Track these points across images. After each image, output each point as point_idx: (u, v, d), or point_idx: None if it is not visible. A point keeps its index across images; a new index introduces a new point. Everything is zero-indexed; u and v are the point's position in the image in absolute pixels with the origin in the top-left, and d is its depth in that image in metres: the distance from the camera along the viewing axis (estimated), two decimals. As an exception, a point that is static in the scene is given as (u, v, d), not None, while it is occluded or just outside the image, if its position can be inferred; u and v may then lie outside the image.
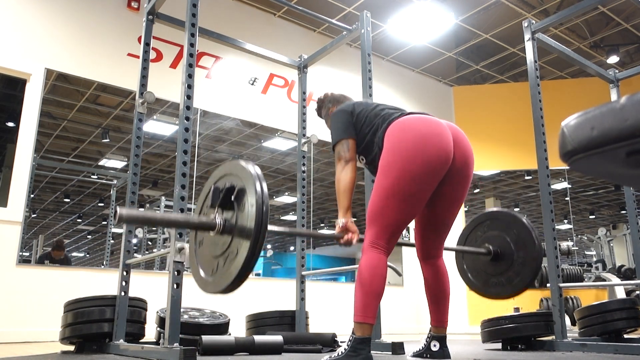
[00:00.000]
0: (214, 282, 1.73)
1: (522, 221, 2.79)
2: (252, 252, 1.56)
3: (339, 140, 2.17)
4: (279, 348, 2.66)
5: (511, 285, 2.78)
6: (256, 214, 1.56)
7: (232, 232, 1.65)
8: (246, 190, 1.63)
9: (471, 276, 2.98)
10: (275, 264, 11.76)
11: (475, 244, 2.94)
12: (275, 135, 6.52)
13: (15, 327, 3.87)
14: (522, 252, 2.74)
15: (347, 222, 2.08)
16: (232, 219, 1.66)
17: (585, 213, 12.01)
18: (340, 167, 2.13)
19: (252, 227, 1.56)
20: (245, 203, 1.61)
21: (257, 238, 1.56)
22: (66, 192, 7.22)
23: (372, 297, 1.91)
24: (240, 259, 1.58)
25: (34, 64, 4.44)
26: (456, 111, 7.85)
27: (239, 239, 1.61)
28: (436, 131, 2.00)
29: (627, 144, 0.47)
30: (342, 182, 2.09)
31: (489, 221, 2.92)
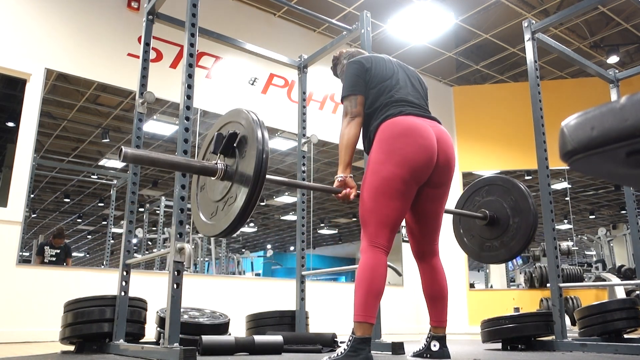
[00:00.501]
0: (213, 225, 1.77)
1: (520, 188, 2.81)
2: (250, 197, 1.61)
3: (348, 94, 2.18)
4: (279, 348, 2.66)
5: (506, 249, 2.80)
6: (256, 160, 1.60)
7: (232, 177, 1.69)
8: (247, 137, 1.65)
9: (467, 240, 3.00)
10: (275, 264, 11.76)
11: (472, 208, 2.96)
12: (275, 135, 6.52)
13: (15, 327, 3.87)
14: (518, 218, 2.76)
15: (346, 177, 2.13)
16: (233, 165, 1.69)
17: (585, 213, 12.00)
18: (346, 122, 2.15)
19: (252, 173, 1.59)
20: (247, 150, 1.64)
21: (256, 184, 1.60)
22: (66, 192, 7.22)
23: (372, 297, 1.91)
24: (239, 204, 1.62)
25: (34, 64, 4.44)
26: (456, 111, 7.85)
27: (239, 185, 1.66)
28: (421, 132, 2.05)
29: (627, 144, 0.47)
30: (345, 137, 2.12)
31: (488, 187, 2.94)
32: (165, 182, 7.32)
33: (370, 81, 2.20)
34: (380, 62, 2.28)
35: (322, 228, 9.61)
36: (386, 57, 2.35)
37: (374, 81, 2.20)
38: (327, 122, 6.34)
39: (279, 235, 11.46)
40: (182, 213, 2.32)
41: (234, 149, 1.71)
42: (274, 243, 11.73)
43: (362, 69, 2.22)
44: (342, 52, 2.56)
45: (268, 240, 11.40)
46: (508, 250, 2.81)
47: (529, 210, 2.75)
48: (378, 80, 2.21)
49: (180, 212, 2.31)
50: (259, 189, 1.62)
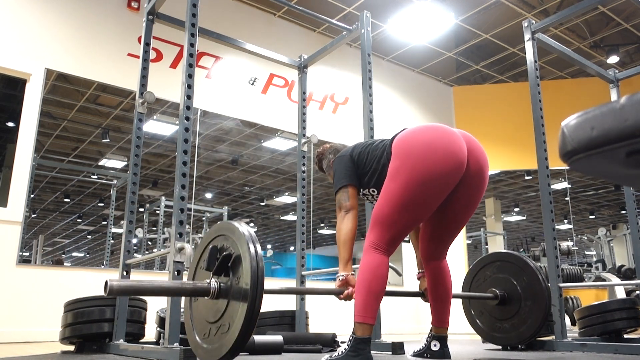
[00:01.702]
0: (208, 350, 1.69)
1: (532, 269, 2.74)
2: (248, 322, 1.54)
3: (339, 188, 2.11)
4: (279, 348, 2.66)
5: (516, 333, 2.75)
6: (251, 283, 1.54)
7: (227, 296, 1.64)
8: (241, 257, 1.61)
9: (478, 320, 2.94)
10: (275, 264, 11.75)
11: (483, 284, 2.90)
12: (275, 135, 6.52)
13: (15, 327, 3.87)
14: (530, 301, 2.69)
15: (348, 275, 2.04)
16: (227, 282, 1.65)
17: (585, 213, 12.01)
18: (341, 217, 2.07)
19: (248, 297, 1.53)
20: (241, 270, 1.60)
21: (253, 306, 1.54)
22: (66, 192, 7.22)
23: (373, 298, 1.91)
24: (236, 329, 1.56)
25: (34, 64, 4.44)
26: (456, 111, 7.85)
27: (234, 308, 1.59)
28: (446, 138, 1.94)
29: (627, 144, 0.47)
30: (342, 232, 2.04)
31: (499, 263, 2.87)
32: (165, 182, 7.32)
33: (360, 159, 2.14)
34: (362, 142, 2.26)
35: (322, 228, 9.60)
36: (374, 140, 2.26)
37: (363, 155, 2.14)
38: (327, 122, 6.33)
39: (279, 235, 11.45)
40: (182, 213, 2.32)
41: (227, 268, 1.65)
42: (274, 243, 11.73)
43: (350, 160, 2.15)
44: (326, 147, 2.50)
45: (268, 240, 11.40)
46: (518, 335, 2.73)
47: (542, 294, 2.66)
48: (366, 150, 2.15)
49: (180, 212, 2.31)
50: (257, 309, 1.54)
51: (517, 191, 10.09)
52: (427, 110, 7.60)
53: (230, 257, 1.66)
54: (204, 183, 7.53)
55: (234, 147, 6.91)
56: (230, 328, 1.59)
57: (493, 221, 9.74)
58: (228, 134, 6.57)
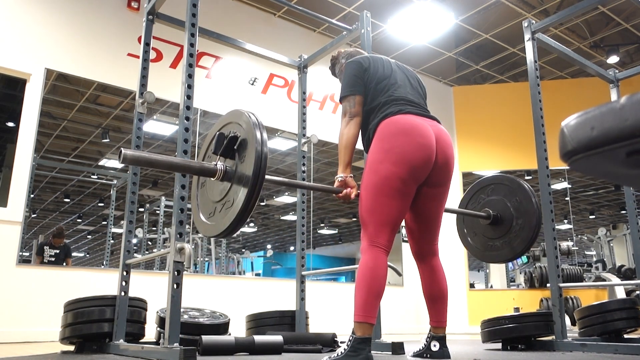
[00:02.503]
0: (212, 226, 1.79)
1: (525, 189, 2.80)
2: (249, 198, 1.63)
3: (346, 94, 2.19)
4: (279, 348, 2.66)
5: (509, 248, 2.80)
6: (255, 161, 1.62)
7: (231, 179, 1.70)
8: (247, 140, 1.67)
9: (470, 239, 2.99)
10: (275, 264, 11.75)
11: (477, 206, 2.96)
12: (275, 135, 6.52)
13: (15, 327, 3.87)
14: (522, 219, 2.76)
15: (346, 177, 2.13)
16: (233, 166, 1.71)
17: (585, 213, 12.00)
18: (345, 122, 2.15)
19: (251, 174, 1.60)
20: (246, 152, 1.66)
21: (255, 184, 1.61)
22: (66, 192, 7.22)
23: (372, 297, 1.91)
24: (238, 205, 1.64)
25: (34, 64, 4.44)
26: (456, 111, 7.85)
27: (238, 186, 1.68)
28: (420, 131, 2.04)
29: (627, 144, 0.47)
30: (345, 136, 2.12)
31: (493, 185, 2.93)
32: (165, 182, 7.32)
33: (369, 81, 2.20)
34: (379, 62, 2.28)
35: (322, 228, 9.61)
36: (384, 57, 2.35)
37: (372, 80, 2.20)
38: (327, 122, 6.34)
39: (279, 235, 11.46)
40: (182, 213, 2.32)
41: (234, 151, 1.72)
42: (274, 243, 11.73)
43: (361, 69, 2.22)
44: (341, 51, 2.56)
45: (268, 240, 11.40)
46: (511, 249, 2.80)
47: (533, 212, 2.74)
48: (377, 79, 2.21)
49: (180, 212, 2.31)
50: (258, 189, 1.63)
51: (517, 191, 10.06)
52: (427, 110, 7.59)
53: (236, 139, 1.73)
54: (204, 183, 7.52)
55: (234, 147, 6.90)
56: (234, 202, 1.67)
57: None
58: (228, 134, 6.56)
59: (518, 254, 2.83)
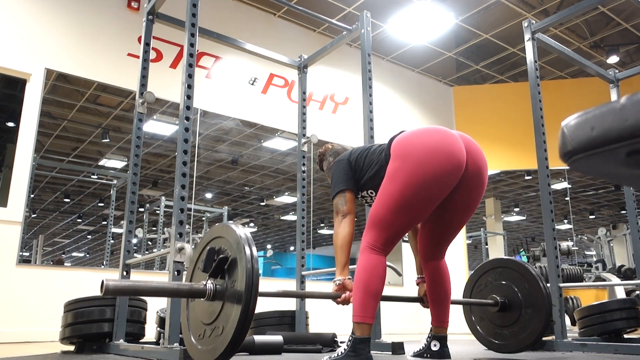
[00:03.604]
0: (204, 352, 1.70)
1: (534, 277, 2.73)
2: (242, 324, 1.55)
3: (336, 192, 2.12)
4: (279, 348, 2.66)
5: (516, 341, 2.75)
6: (246, 282, 1.56)
7: (222, 298, 1.65)
8: (237, 259, 1.63)
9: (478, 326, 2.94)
10: (275, 264, 11.75)
11: (484, 289, 2.90)
12: (275, 135, 6.52)
13: (15, 327, 3.87)
14: (531, 309, 2.69)
15: (344, 280, 2.05)
16: (223, 285, 1.66)
17: (585, 213, 12.01)
18: (338, 221, 2.07)
19: (242, 293, 1.55)
20: (237, 271, 1.61)
21: (248, 304, 1.55)
22: (66, 192, 7.22)
23: (371, 297, 1.91)
24: (229, 331, 1.56)
25: (34, 64, 4.44)
26: (456, 111, 7.85)
27: (229, 306, 1.61)
28: (446, 140, 1.93)
29: (627, 144, 0.47)
30: (339, 236, 2.05)
31: (500, 269, 2.87)
32: (165, 182, 7.32)
33: (357, 163, 2.14)
34: (360, 147, 2.26)
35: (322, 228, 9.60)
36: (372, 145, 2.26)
37: (361, 159, 2.14)
38: (327, 122, 6.33)
39: (279, 235, 11.46)
40: (182, 213, 2.32)
41: (224, 270, 1.67)
42: (274, 243, 11.72)
43: (345, 162, 2.16)
44: (328, 148, 2.50)
45: (268, 240, 11.39)
46: (518, 342, 2.74)
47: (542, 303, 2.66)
48: (364, 154, 2.15)
49: (180, 212, 2.31)
50: (252, 311, 1.56)
51: (517, 191, 10.09)
52: (427, 110, 7.60)
53: (226, 260, 1.67)
54: (204, 183, 7.53)
55: (234, 147, 6.91)
56: (224, 330, 1.60)
57: (493, 221, 9.74)
58: (228, 134, 6.57)
59: (524, 348, 2.78)
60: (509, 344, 2.78)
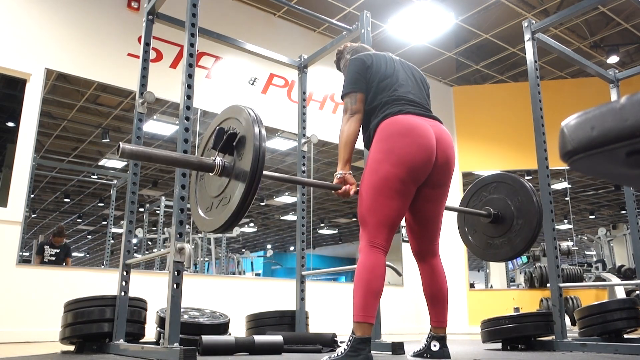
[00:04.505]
0: (209, 221, 1.80)
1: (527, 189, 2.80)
2: (247, 193, 1.64)
3: (348, 92, 2.19)
4: (279, 348, 2.66)
5: (510, 246, 2.80)
6: (253, 156, 1.64)
7: (230, 174, 1.72)
8: (246, 137, 1.68)
9: (471, 237, 2.99)
10: (275, 264, 11.76)
11: (479, 203, 2.96)
12: (275, 135, 6.52)
13: (15, 327, 3.87)
14: (522, 219, 2.76)
15: (345, 174, 2.13)
16: (231, 162, 1.72)
17: (585, 213, 12.00)
18: (346, 118, 2.15)
19: (248, 169, 1.63)
20: (245, 148, 1.68)
21: (252, 180, 1.63)
22: (66, 192, 7.22)
23: (371, 297, 1.91)
24: (235, 200, 1.65)
25: (34, 64, 4.44)
26: (456, 111, 7.85)
27: (236, 181, 1.69)
28: (416, 126, 2.04)
29: (627, 144, 0.47)
30: (345, 133, 2.12)
31: (496, 184, 2.93)
32: (165, 182, 7.32)
33: (371, 79, 2.20)
34: (382, 60, 2.28)
35: (322, 228, 9.61)
36: (388, 55, 2.34)
37: (374, 79, 2.20)
38: (327, 122, 6.33)
39: (279, 235, 11.46)
40: (182, 213, 2.32)
41: (232, 147, 1.73)
42: (274, 243, 11.73)
43: (364, 67, 2.22)
44: (347, 45, 2.55)
45: (268, 240, 11.39)
46: (511, 248, 2.81)
47: (534, 212, 2.74)
48: (379, 77, 2.20)
49: (180, 212, 2.31)
50: (256, 185, 1.65)
51: (517, 191, 10.06)
52: (427, 110, 7.59)
53: (235, 135, 1.75)
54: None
55: (234, 147, 6.90)
56: (231, 199, 1.68)
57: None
58: (228, 134, 6.56)
59: (518, 253, 2.83)
60: (501, 251, 2.83)
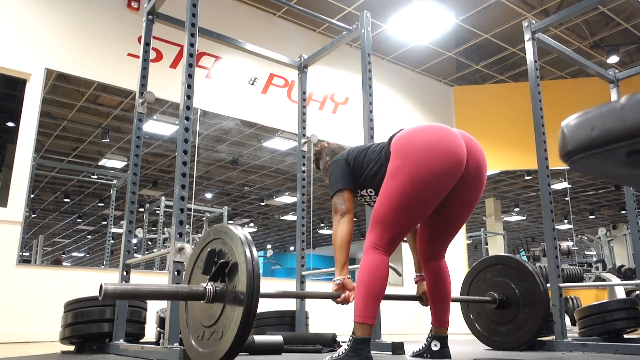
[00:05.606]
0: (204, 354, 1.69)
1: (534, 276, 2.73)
2: (245, 324, 1.54)
3: (334, 192, 2.11)
4: (279, 348, 2.66)
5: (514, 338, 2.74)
6: (247, 282, 1.54)
7: (223, 301, 1.63)
8: (238, 264, 1.61)
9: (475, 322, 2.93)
10: (275, 264, 11.76)
11: (482, 285, 2.89)
12: (275, 135, 6.52)
13: (15, 327, 3.87)
14: (529, 308, 2.68)
15: (344, 279, 2.04)
16: (223, 287, 1.64)
17: (585, 213, 12.01)
18: (336, 220, 2.07)
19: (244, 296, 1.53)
20: (237, 274, 1.59)
21: (250, 307, 1.53)
22: (66, 192, 7.22)
23: (373, 298, 1.91)
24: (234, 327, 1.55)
25: (34, 64, 4.44)
26: (456, 111, 7.85)
27: (232, 306, 1.59)
28: (446, 138, 1.93)
29: (627, 144, 0.47)
30: (338, 236, 2.04)
31: (500, 266, 2.86)
32: (165, 182, 7.32)
33: (357, 163, 2.13)
34: (357, 146, 2.25)
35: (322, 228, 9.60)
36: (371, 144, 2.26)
37: (359, 158, 2.13)
38: (327, 122, 6.33)
39: (279, 235, 11.46)
40: (182, 213, 2.32)
41: (224, 274, 1.66)
42: (274, 243, 11.72)
43: (343, 162, 2.15)
44: (324, 146, 2.48)
45: (268, 240, 11.39)
46: (516, 339, 2.74)
47: (541, 301, 2.66)
48: (362, 153, 2.14)
49: (180, 212, 2.31)
50: (254, 311, 1.55)
51: (517, 191, 10.09)
52: (427, 110, 7.60)
53: (227, 264, 1.65)
54: (204, 183, 7.53)
55: (234, 147, 6.91)
56: (224, 335, 1.59)
57: (493, 221, 9.74)
58: (228, 134, 6.57)
59: (524, 344, 2.77)
60: (506, 340, 2.78)
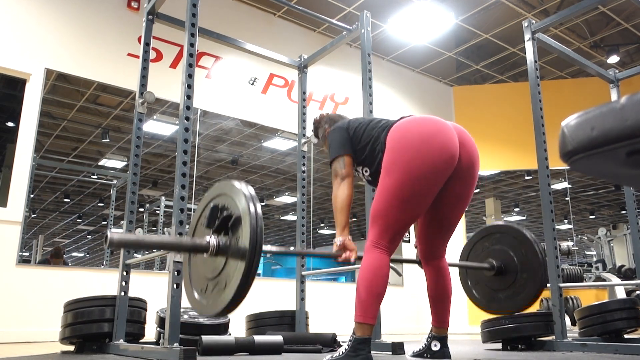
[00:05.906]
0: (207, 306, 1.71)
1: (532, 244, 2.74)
2: (247, 275, 1.54)
3: (335, 157, 2.14)
4: (279, 348, 2.66)
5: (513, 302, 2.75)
6: (250, 237, 1.55)
7: (226, 254, 1.64)
8: (241, 217, 1.61)
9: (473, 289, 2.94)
10: (275, 264, 11.75)
11: (481, 253, 2.90)
12: (275, 135, 6.52)
13: (15, 327, 3.87)
14: (526, 274, 2.70)
15: (345, 239, 2.07)
16: (227, 241, 1.65)
17: (585, 213, 12.01)
18: (337, 184, 2.10)
19: (247, 249, 1.54)
20: (241, 227, 1.60)
21: (252, 260, 1.54)
22: (66, 192, 7.22)
23: (374, 298, 1.90)
24: (235, 283, 1.56)
25: (34, 64, 4.44)
26: (456, 111, 7.85)
27: (233, 262, 1.60)
28: (440, 131, 1.96)
29: (627, 144, 0.47)
30: (338, 199, 2.07)
31: (499, 235, 2.88)
32: (165, 182, 7.31)
33: (356, 134, 2.16)
34: (358, 118, 2.27)
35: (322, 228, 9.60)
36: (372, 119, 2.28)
37: (359, 130, 2.16)
38: (327, 122, 6.33)
39: (279, 235, 11.45)
40: (182, 213, 2.32)
41: (227, 228, 1.66)
42: (274, 243, 11.72)
43: (343, 130, 2.18)
44: (323, 115, 2.52)
45: (268, 240, 11.39)
46: (514, 304, 2.75)
47: (538, 267, 2.67)
48: (362, 127, 2.16)
49: (180, 212, 2.31)
50: (256, 265, 1.55)
51: (517, 191, 10.08)
52: (427, 110, 7.60)
53: (230, 217, 1.67)
54: (204, 183, 7.53)
55: (234, 147, 6.91)
56: (227, 286, 1.60)
57: (493, 221, 9.74)
58: (228, 134, 6.57)
59: (521, 309, 2.80)
60: (504, 305, 2.80)
